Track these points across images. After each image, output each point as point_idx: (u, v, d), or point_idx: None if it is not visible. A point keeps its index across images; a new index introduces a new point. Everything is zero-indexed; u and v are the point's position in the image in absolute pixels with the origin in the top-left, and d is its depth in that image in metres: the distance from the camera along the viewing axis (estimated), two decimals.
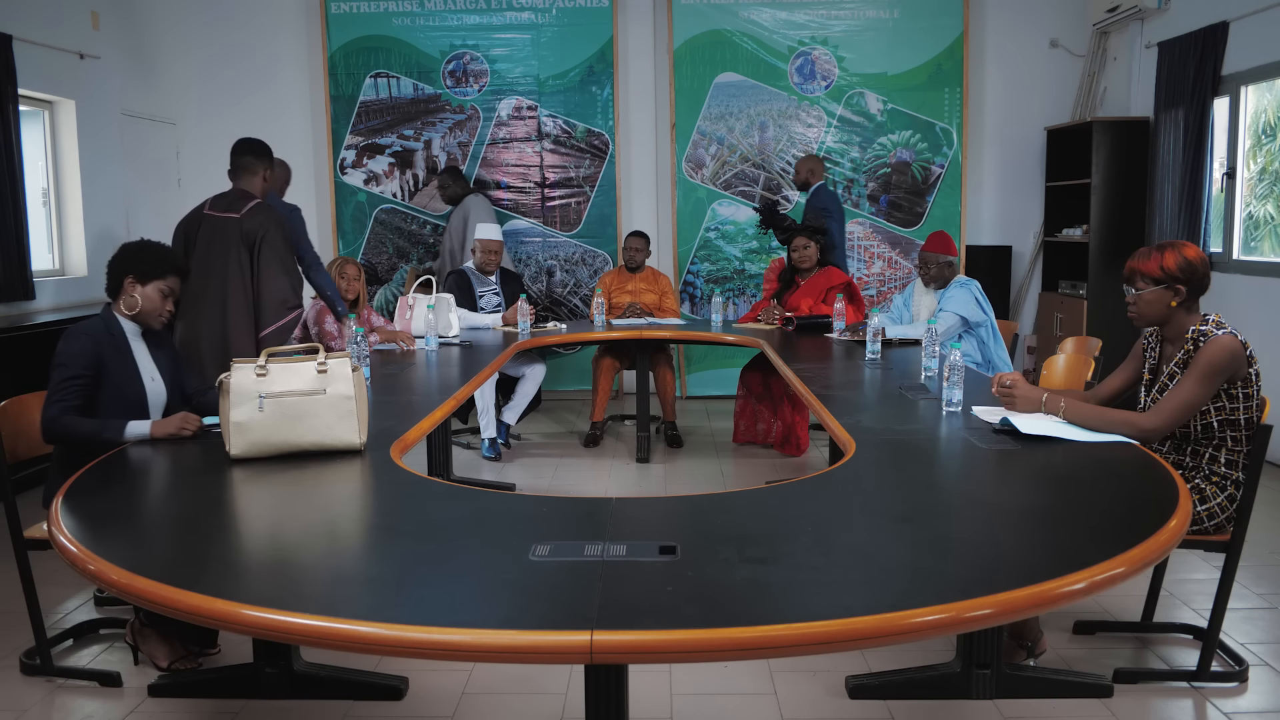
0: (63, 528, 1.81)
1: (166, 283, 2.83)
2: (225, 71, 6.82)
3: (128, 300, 2.80)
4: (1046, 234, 6.76)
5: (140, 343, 2.85)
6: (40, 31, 5.27)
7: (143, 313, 2.81)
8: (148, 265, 2.80)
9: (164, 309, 2.85)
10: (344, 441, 2.38)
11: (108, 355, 2.72)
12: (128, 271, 2.80)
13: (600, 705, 1.71)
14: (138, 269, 2.80)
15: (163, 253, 2.86)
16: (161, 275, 2.81)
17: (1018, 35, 6.72)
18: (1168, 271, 2.59)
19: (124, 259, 2.83)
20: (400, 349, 4.28)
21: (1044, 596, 1.49)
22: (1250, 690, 2.63)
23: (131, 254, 2.84)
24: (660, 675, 2.71)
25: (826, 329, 4.72)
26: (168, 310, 2.86)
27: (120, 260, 2.83)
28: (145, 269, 2.80)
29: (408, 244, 6.83)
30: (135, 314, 2.81)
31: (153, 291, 2.81)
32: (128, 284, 2.80)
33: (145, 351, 2.86)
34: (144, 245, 2.88)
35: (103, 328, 2.78)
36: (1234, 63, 5.26)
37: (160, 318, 2.85)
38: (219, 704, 2.63)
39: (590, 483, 4.79)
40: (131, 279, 2.80)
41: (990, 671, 2.57)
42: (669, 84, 6.68)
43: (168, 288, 2.83)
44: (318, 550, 1.78)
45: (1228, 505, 2.58)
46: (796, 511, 1.96)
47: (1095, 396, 2.83)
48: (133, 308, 2.80)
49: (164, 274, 2.82)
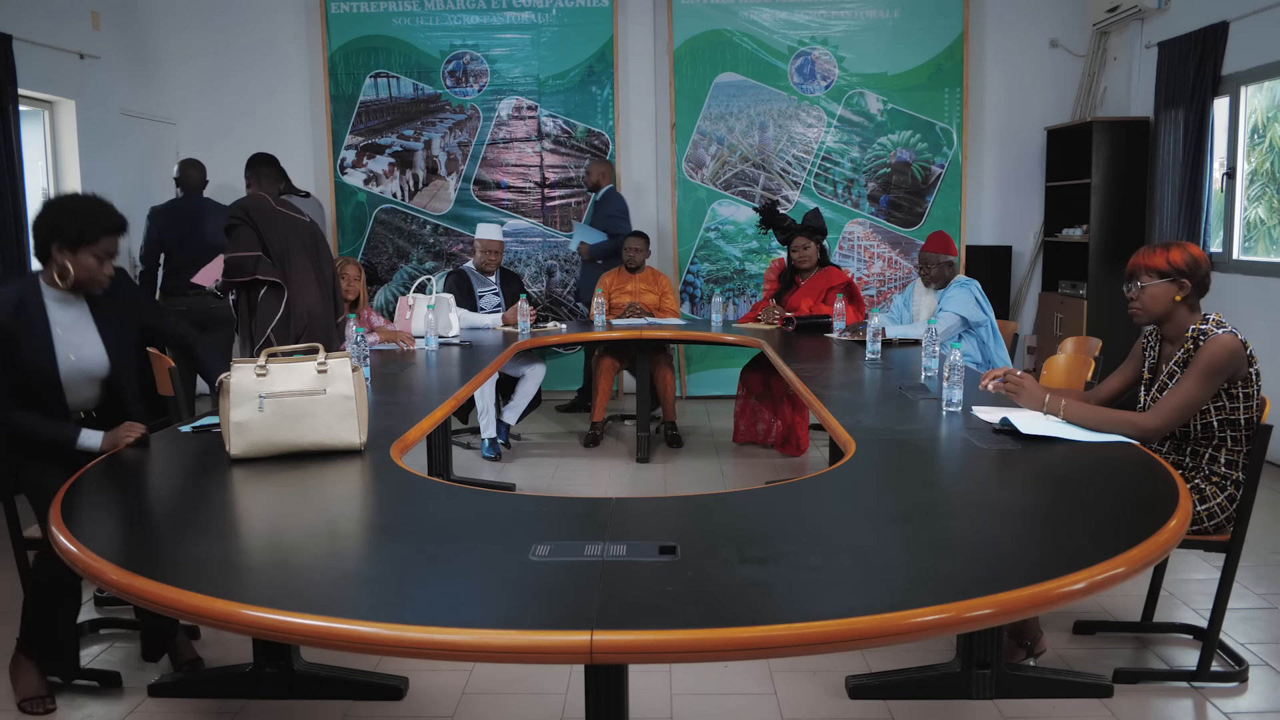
0: (63, 527, 1.81)
1: (101, 246, 2.50)
2: (225, 72, 6.82)
3: (58, 269, 2.49)
4: (1046, 234, 6.76)
5: (72, 309, 2.57)
6: (40, 31, 5.27)
7: (77, 283, 2.53)
8: (76, 230, 2.47)
9: (102, 274, 2.54)
10: (344, 441, 2.37)
11: (14, 330, 2.45)
12: (55, 237, 2.47)
13: (600, 705, 1.71)
14: (64, 235, 2.46)
15: (93, 212, 2.51)
16: (93, 239, 2.49)
17: (1018, 35, 6.72)
18: (1174, 265, 2.59)
19: (47, 222, 2.49)
20: (400, 349, 4.27)
21: (1044, 596, 1.49)
22: (1250, 690, 2.63)
23: (56, 216, 2.49)
24: (660, 675, 2.71)
25: (826, 329, 4.72)
26: (107, 274, 2.56)
27: (46, 223, 2.49)
28: (74, 235, 2.47)
29: (408, 244, 6.83)
30: (63, 284, 2.53)
31: (86, 259, 2.49)
32: (55, 252, 2.48)
33: (79, 318, 2.57)
34: (70, 206, 2.52)
35: (13, 298, 2.48)
36: (1234, 63, 5.26)
37: (100, 283, 2.55)
38: (219, 704, 2.63)
39: (590, 483, 4.79)
40: (58, 246, 2.47)
41: (990, 671, 2.57)
42: (669, 84, 6.68)
43: (104, 250, 2.51)
44: (318, 550, 1.78)
45: (1228, 505, 2.58)
46: (796, 511, 1.96)
47: (1095, 396, 2.83)
48: (64, 276, 2.50)
49: (96, 237, 2.49)
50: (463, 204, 6.80)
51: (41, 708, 2.58)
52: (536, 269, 6.84)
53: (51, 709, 2.59)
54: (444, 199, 6.81)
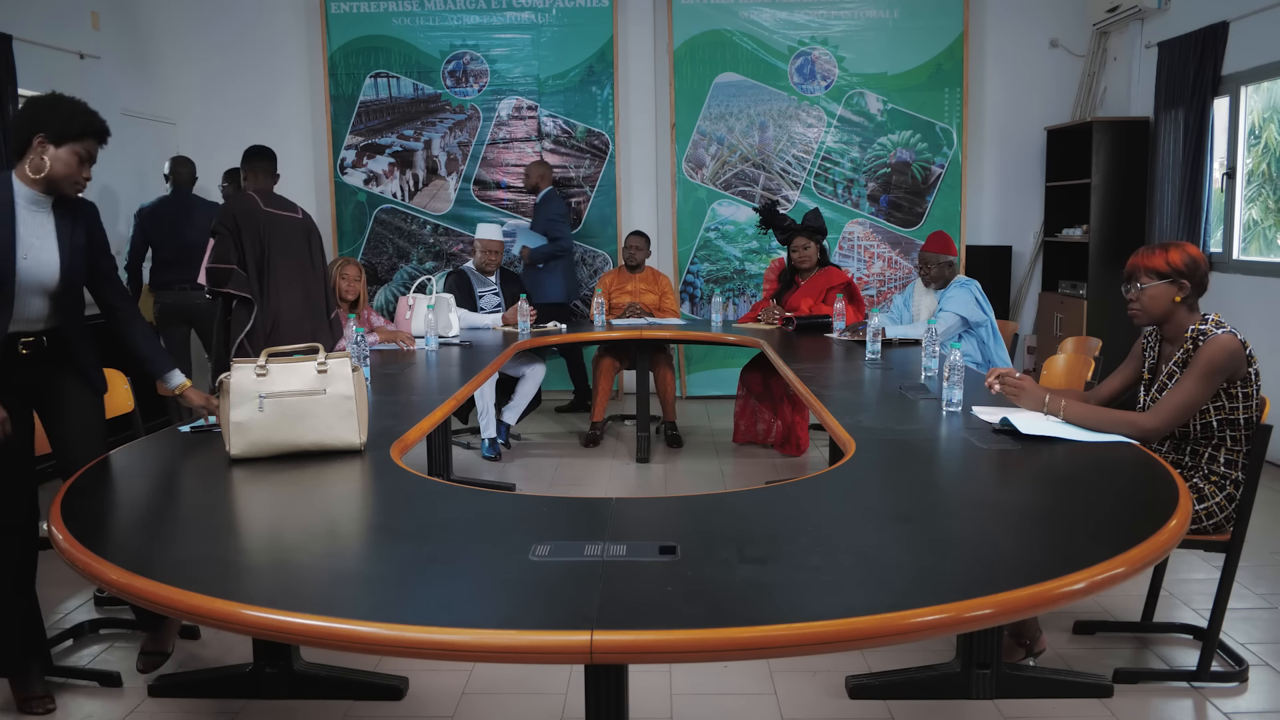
0: (63, 527, 1.81)
1: (84, 145, 2.46)
2: (225, 72, 6.82)
3: (34, 162, 2.42)
4: (1046, 234, 6.76)
5: (39, 214, 2.49)
6: (40, 31, 5.27)
7: (53, 177, 2.44)
8: (62, 123, 2.42)
9: (80, 175, 2.49)
10: (344, 441, 2.37)
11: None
12: (38, 129, 2.41)
13: (600, 705, 1.71)
14: (51, 127, 2.41)
15: (80, 110, 2.47)
16: (78, 136, 2.44)
17: (1018, 35, 6.72)
18: (1173, 266, 2.59)
19: (34, 113, 2.43)
20: (400, 349, 4.28)
21: (1044, 596, 1.49)
22: (1250, 690, 2.63)
23: (44, 108, 2.43)
24: (660, 675, 2.71)
25: (826, 329, 4.72)
26: (85, 178, 2.51)
27: (29, 115, 2.43)
28: (60, 127, 2.41)
29: (408, 244, 6.83)
30: (43, 177, 2.44)
31: (67, 154, 2.44)
32: (37, 143, 2.42)
33: (43, 223, 2.49)
34: (59, 99, 2.46)
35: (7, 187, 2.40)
36: (1234, 63, 5.26)
37: (76, 185, 2.50)
38: (219, 704, 2.63)
39: (590, 483, 4.79)
40: (42, 138, 2.41)
41: (990, 671, 2.57)
42: (669, 84, 6.68)
43: (85, 151, 2.47)
44: (318, 550, 1.78)
45: (1227, 505, 2.58)
46: (796, 511, 1.96)
47: (1095, 397, 2.83)
48: (39, 170, 2.42)
49: (80, 135, 2.45)
50: (463, 204, 6.80)
51: (41, 708, 2.57)
52: None
53: (51, 709, 2.58)
54: (444, 199, 6.81)
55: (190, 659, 2.91)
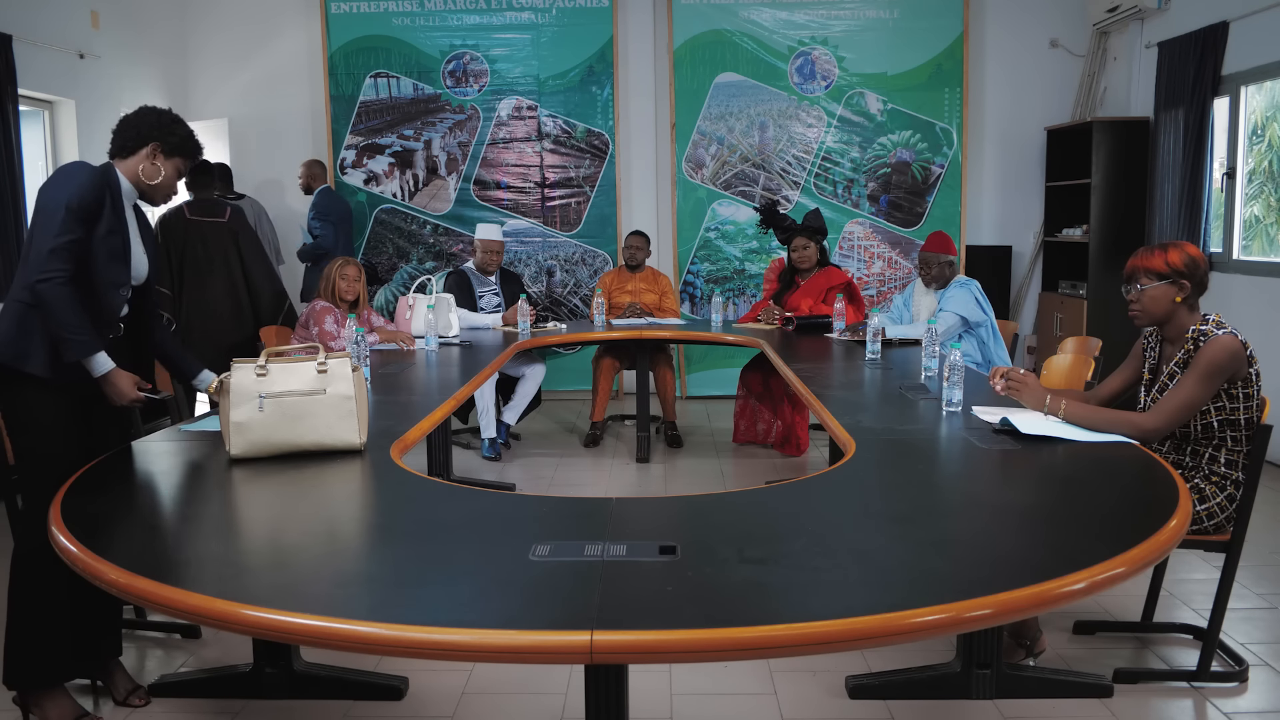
0: (63, 527, 1.81)
1: (186, 164, 2.57)
2: (225, 72, 6.83)
3: (147, 168, 2.49)
4: (1046, 234, 6.76)
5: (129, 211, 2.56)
6: (40, 31, 5.27)
7: (157, 186, 2.52)
8: (180, 140, 2.52)
9: (174, 190, 2.58)
10: (344, 441, 2.37)
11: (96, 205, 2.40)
12: (156, 138, 2.49)
13: (600, 705, 1.71)
14: (169, 140, 2.50)
15: (192, 134, 2.58)
16: (191, 153, 2.56)
17: (1018, 35, 6.72)
18: (1173, 267, 2.59)
19: (154, 123, 2.51)
20: (400, 349, 4.28)
21: (1044, 596, 1.49)
22: (1250, 690, 2.63)
23: (165, 123, 2.52)
24: (660, 675, 2.71)
25: (826, 329, 4.72)
26: (174, 192, 2.61)
27: (148, 122, 2.51)
28: (177, 142, 2.51)
29: (408, 244, 6.83)
30: (155, 184, 2.52)
31: (172, 169, 2.53)
32: (153, 150, 2.49)
33: (133, 222, 2.56)
34: (176, 119, 2.56)
35: (99, 178, 2.43)
36: (1234, 63, 5.26)
37: (168, 198, 2.59)
38: (219, 704, 2.63)
39: (590, 483, 4.79)
40: (157, 146, 2.50)
41: (990, 671, 2.57)
42: (669, 84, 6.68)
43: (186, 168, 2.58)
44: (318, 550, 1.78)
45: (1227, 505, 2.58)
46: (796, 511, 1.96)
47: (1095, 397, 2.83)
48: (153, 176, 2.50)
49: (190, 155, 2.56)
50: (463, 204, 6.80)
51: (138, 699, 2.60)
52: (536, 269, 6.84)
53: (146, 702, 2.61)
54: (444, 199, 6.81)
55: (190, 659, 2.91)
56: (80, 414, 2.48)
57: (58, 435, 2.41)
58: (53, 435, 2.40)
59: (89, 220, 2.38)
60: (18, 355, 2.37)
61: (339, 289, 4.30)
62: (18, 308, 2.39)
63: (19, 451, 2.44)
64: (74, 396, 2.45)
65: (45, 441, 2.39)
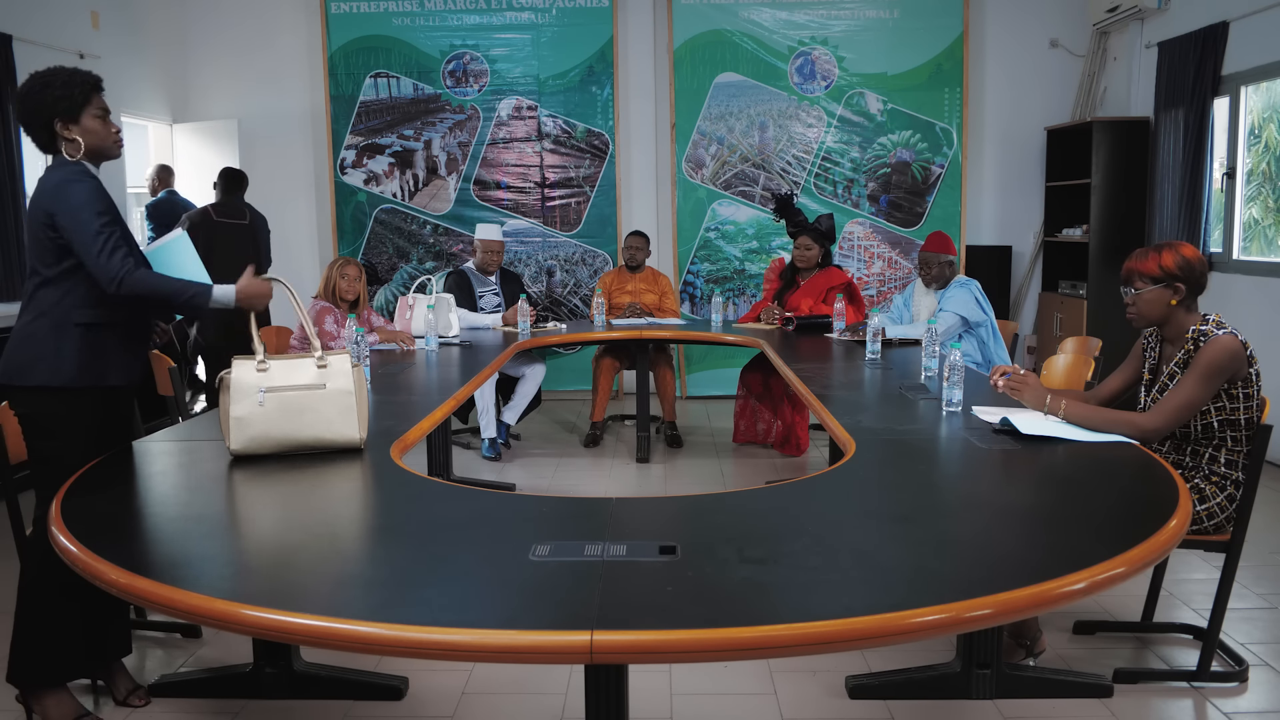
0: (63, 527, 1.81)
1: (95, 104, 2.40)
2: (225, 72, 6.83)
3: (69, 146, 2.37)
4: (1046, 234, 6.76)
5: None
6: (40, 31, 5.27)
7: (95, 148, 2.42)
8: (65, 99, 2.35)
9: (111, 132, 2.44)
10: (344, 437, 2.37)
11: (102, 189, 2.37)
12: (49, 115, 2.36)
13: (600, 705, 1.71)
14: (58, 107, 2.35)
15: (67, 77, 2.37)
16: (86, 99, 2.38)
17: (1018, 35, 6.72)
18: (1166, 270, 2.59)
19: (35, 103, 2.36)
20: (400, 349, 4.28)
21: (1044, 596, 1.49)
22: (1250, 690, 2.63)
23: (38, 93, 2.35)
24: (660, 675, 2.71)
25: (826, 329, 4.72)
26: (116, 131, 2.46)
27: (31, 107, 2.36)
28: (66, 104, 2.35)
29: (408, 244, 6.83)
30: (91, 149, 2.41)
31: (90, 122, 2.39)
32: (60, 130, 2.37)
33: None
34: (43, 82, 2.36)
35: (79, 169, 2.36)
36: (1234, 63, 5.26)
37: (117, 143, 2.46)
38: (219, 704, 2.63)
39: (590, 483, 4.79)
40: (60, 122, 2.37)
41: (990, 671, 2.57)
42: (669, 84, 6.68)
43: (100, 109, 2.41)
44: (318, 550, 1.77)
45: (1227, 505, 2.58)
46: (796, 511, 1.96)
47: (1095, 397, 2.83)
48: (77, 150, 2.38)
49: (87, 96, 2.39)
50: (463, 204, 6.80)
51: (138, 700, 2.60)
52: (536, 269, 6.84)
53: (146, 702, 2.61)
54: (444, 199, 6.81)
55: (190, 659, 2.91)
56: (100, 419, 2.50)
57: (79, 440, 2.43)
58: (76, 441, 2.42)
59: (107, 203, 2.39)
60: (51, 372, 2.41)
61: (339, 289, 4.30)
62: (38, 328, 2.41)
63: (42, 456, 2.45)
64: (94, 401, 2.48)
65: (69, 449, 2.40)
